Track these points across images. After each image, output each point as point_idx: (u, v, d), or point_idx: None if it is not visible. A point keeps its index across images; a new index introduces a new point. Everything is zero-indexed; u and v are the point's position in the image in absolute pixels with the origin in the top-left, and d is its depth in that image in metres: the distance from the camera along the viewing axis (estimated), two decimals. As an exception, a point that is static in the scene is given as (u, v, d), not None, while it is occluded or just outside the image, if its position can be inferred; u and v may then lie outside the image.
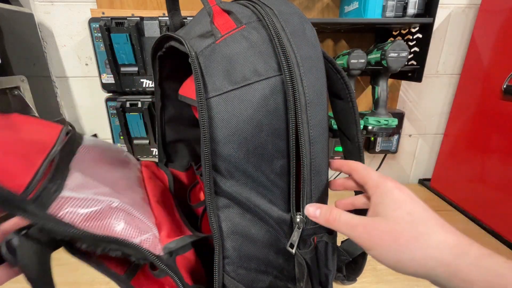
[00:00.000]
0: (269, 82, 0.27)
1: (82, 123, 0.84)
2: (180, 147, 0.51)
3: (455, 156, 0.81)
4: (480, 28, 0.73)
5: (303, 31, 0.29)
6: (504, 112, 0.64)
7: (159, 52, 0.39)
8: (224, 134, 0.27)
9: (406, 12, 0.63)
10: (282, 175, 0.29)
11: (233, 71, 0.27)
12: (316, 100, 0.28)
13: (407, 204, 0.23)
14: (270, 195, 0.29)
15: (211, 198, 0.28)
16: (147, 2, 0.71)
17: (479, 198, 0.72)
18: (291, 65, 0.26)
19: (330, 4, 0.74)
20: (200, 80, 0.26)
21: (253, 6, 0.29)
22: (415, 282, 0.52)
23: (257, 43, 0.27)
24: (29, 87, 0.62)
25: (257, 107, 0.26)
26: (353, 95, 0.32)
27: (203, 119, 0.26)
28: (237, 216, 0.29)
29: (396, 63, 0.61)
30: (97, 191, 0.26)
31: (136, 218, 0.28)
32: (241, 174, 0.28)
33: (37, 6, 0.71)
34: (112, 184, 0.30)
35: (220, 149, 0.27)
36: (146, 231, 0.27)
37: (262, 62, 0.27)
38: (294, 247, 0.29)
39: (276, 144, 0.28)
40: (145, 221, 0.29)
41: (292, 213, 0.30)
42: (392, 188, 0.24)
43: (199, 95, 0.26)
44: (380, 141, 0.86)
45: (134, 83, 0.68)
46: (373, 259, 0.22)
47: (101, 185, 0.27)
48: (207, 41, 0.28)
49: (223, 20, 0.28)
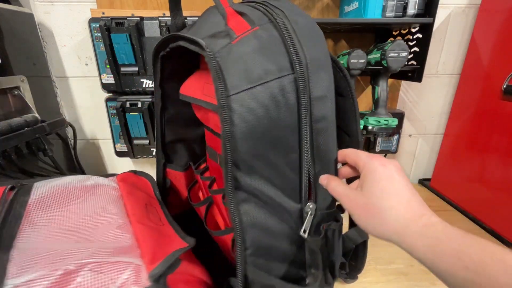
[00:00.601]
0: (283, 80, 0.28)
1: (82, 123, 0.84)
2: (178, 147, 0.51)
3: (455, 156, 0.81)
4: (480, 28, 0.73)
5: (311, 31, 0.30)
6: (504, 112, 0.64)
7: (162, 52, 0.39)
8: (243, 130, 0.28)
9: (406, 12, 0.63)
10: (294, 167, 0.31)
11: (250, 70, 0.28)
12: (326, 96, 0.30)
13: (383, 181, 0.26)
14: (283, 187, 0.31)
15: (232, 193, 0.30)
16: (147, 2, 0.71)
17: (479, 198, 0.72)
18: (303, 64, 0.28)
19: (330, 4, 0.74)
20: (220, 78, 0.27)
21: (263, 8, 0.31)
22: (415, 282, 0.52)
23: (271, 43, 0.29)
24: (29, 87, 0.62)
25: (272, 104, 0.28)
26: (354, 93, 0.34)
27: (225, 116, 0.27)
28: (255, 210, 0.31)
29: (396, 63, 0.61)
30: (50, 259, 0.24)
31: (107, 264, 0.25)
32: (258, 168, 0.30)
33: (37, 6, 0.71)
34: (74, 236, 0.28)
35: (239, 145, 0.28)
36: (123, 270, 0.25)
37: (276, 61, 0.28)
38: (306, 232, 0.31)
39: (289, 138, 0.29)
40: (121, 260, 0.26)
41: (304, 203, 0.32)
42: (377, 166, 0.27)
43: (220, 93, 0.27)
44: (380, 141, 0.86)
45: (134, 83, 0.67)
46: (374, 260, 0.23)
47: (52, 251, 0.25)
48: (223, 41, 0.29)
49: (236, 21, 0.30)
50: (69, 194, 0.36)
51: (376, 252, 0.58)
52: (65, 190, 0.36)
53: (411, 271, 0.54)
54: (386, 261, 0.56)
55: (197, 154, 0.54)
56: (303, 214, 0.32)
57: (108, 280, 0.24)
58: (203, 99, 0.38)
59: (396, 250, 0.26)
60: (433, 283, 0.52)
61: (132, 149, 0.74)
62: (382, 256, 0.57)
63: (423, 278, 0.53)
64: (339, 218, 0.34)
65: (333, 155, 0.32)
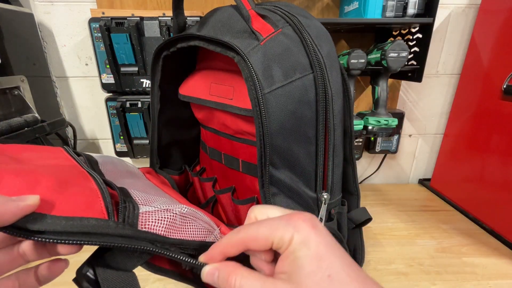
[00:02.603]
0: (305, 79, 0.31)
1: (82, 123, 0.84)
2: (173, 150, 0.51)
3: (455, 156, 0.81)
4: (480, 28, 0.73)
5: (322, 33, 0.33)
6: (504, 112, 0.64)
7: (166, 52, 0.39)
8: (276, 126, 0.30)
9: (406, 12, 0.63)
10: (311, 159, 0.34)
11: (278, 70, 0.30)
12: (337, 92, 0.33)
13: (324, 269, 0.17)
14: (303, 178, 0.34)
15: (267, 188, 0.32)
16: (147, 2, 0.71)
17: (479, 198, 0.72)
18: (321, 64, 0.31)
19: (330, 4, 0.74)
20: (256, 77, 0.29)
21: (280, 11, 0.34)
22: (415, 282, 0.52)
23: (293, 45, 0.31)
24: (29, 87, 0.62)
25: (297, 101, 0.31)
26: (350, 91, 0.37)
27: (264, 113, 0.29)
28: (284, 202, 0.33)
29: (396, 63, 0.61)
30: (160, 201, 0.26)
31: (200, 220, 0.28)
32: (286, 162, 0.32)
33: (37, 6, 0.71)
34: (156, 193, 0.29)
35: (273, 141, 0.30)
36: (213, 228, 0.29)
37: (299, 61, 0.31)
38: (323, 221, 0.34)
39: (309, 132, 0.32)
40: (207, 220, 0.29)
41: (319, 192, 0.34)
42: (299, 250, 0.18)
43: (258, 91, 0.29)
44: (380, 141, 0.86)
45: (134, 83, 0.67)
46: (374, 260, 0.22)
47: (156, 196, 0.27)
48: (251, 42, 0.31)
49: (260, 23, 0.32)
50: (121, 168, 0.36)
51: (376, 253, 0.58)
52: (118, 164, 0.36)
53: (411, 271, 0.54)
54: (386, 261, 0.56)
55: (191, 156, 0.54)
56: (318, 203, 0.35)
57: (205, 233, 0.27)
58: (209, 99, 0.38)
59: (396, 250, 0.26)
60: (433, 283, 0.52)
61: (132, 149, 0.74)
62: (382, 256, 0.57)
63: (423, 278, 0.53)
64: (344, 202, 0.38)
65: (341, 147, 0.35)
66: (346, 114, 0.37)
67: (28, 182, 0.20)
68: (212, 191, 0.45)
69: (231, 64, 0.35)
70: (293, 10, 0.34)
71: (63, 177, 0.22)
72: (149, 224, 0.23)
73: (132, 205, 0.23)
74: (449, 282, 0.52)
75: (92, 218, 0.19)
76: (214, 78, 0.38)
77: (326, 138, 0.33)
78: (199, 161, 0.54)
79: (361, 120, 0.69)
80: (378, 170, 0.92)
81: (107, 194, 0.22)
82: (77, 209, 0.20)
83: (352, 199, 0.42)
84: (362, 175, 0.94)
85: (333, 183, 0.35)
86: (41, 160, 0.24)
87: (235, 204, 0.41)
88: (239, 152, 0.40)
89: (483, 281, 0.52)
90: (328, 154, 0.33)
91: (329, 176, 0.34)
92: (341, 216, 0.38)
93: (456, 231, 0.67)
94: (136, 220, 0.22)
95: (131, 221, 0.22)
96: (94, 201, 0.21)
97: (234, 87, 0.35)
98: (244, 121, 0.36)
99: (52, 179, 0.21)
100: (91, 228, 0.19)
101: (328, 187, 0.34)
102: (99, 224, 0.19)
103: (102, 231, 0.19)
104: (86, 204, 0.21)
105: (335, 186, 0.36)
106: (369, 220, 0.40)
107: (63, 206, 0.19)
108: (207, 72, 0.41)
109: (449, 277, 0.53)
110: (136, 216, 0.22)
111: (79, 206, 0.20)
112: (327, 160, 0.34)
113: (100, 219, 0.20)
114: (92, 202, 0.21)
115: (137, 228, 0.22)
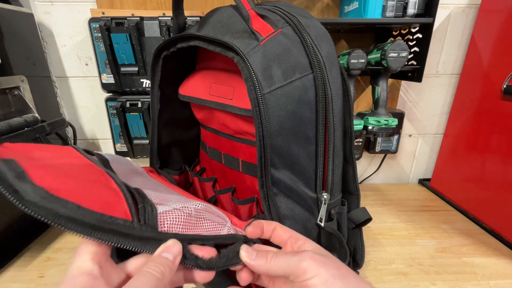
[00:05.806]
0: (305, 79, 0.31)
1: (82, 123, 0.84)
2: (173, 150, 0.51)
3: (455, 156, 0.81)
4: (480, 28, 0.73)
5: (321, 33, 0.33)
6: (504, 112, 0.64)
7: (166, 52, 0.39)
8: (275, 127, 0.30)
9: (406, 12, 0.63)
10: (311, 160, 0.33)
11: (278, 70, 0.30)
12: (337, 92, 0.33)
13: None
14: (303, 178, 0.34)
15: (267, 188, 0.32)
16: (147, 2, 0.71)
17: (479, 198, 0.72)
18: (321, 64, 0.31)
19: (330, 4, 0.74)
20: (255, 78, 0.29)
21: (279, 11, 0.33)
22: (415, 282, 0.52)
23: (293, 45, 0.31)
24: (29, 87, 0.62)
25: (297, 102, 0.30)
26: (350, 91, 0.37)
27: (264, 113, 0.29)
28: (284, 202, 0.33)
29: (396, 63, 0.61)
30: (174, 199, 0.26)
31: (213, 214, 0.29)
32: (286, 162, 0.32)
33: (37, 6, 0.71)
34: (167, 191, 0.30)
35: (272, 141, 0.30)
36: (225, 221, 0.29)
37: (299, 62, 0.31)
38: (323, 221, 0.34)
39: (308, 132, 0.32)
40: (220, 214, 0.30)
41: (319, 192, 0.34)
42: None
43: (257, 92, 0.29)
44: (380, 141, 0.86)
45: (134, 83, 0.67)
46: (374, 260, 0.23)
47: (168, 194, 0.27)
48: (250, 43, 0.30)
49: (260, 23, 0.32)
50: (127, 167, 0.36)
51: (376, 253, 0.58)
52: (124, 163, 0.36)
53: (411, 271, 0.54)
54: (386, 261, 0.56)
55: (190, 156, 0.54)
56: (318, 203, 0.35)
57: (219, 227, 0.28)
58: (210, 99, 0.38)
59: (396, 250, 0.26)
60: (433, 283, 0.52)
61: (132, 149, 0.74)
62: (382, 256, 0.57)
63: (423, 278, 0.53)
64: (344, 202, 0.38)
65: (341, 147, 0.35)
66: (346, 114, 0.37)
67: (57, 176, 0.20)
68: (212, 191, 0.45)
69: (231, 64, 0.35)
70: (292, 10, 0.34)
71: (84, 175, 0.22)
72: (168, 223, 0.23)
73: (150, 206, 0.23)
74: (449, 282, 0.52)
75: (120, 218, 0.20)
76: (214, 78, 0.38)
77: (326, 138, 0.33)
78: (199, 161, 0.54)
79: (361, 120, 0.69)
80: (378, 170, 0.92)
81: (128, 194, 0.22)
82: (107, 207, 0.20)
83: (352, 199, 0.42)
84: (362, 175, 0.94)
85: (333, 183, 0.35)
86: (54, 159, 0.24)
87: (235, 204, 0.41)
88: (239, 152, 0.40)
89: (483, 281, 0.52)
90: (328, 154, 0.33)
91: (329, 176, 0.34)
92: (341, 216, 0.38)
93: (456, 231, 0.67)
94: (155, 221, 0.22)
95: (152, 223, 0.22)
96: (118, 201, 0.22)
97: (234, 87, 0.35)
98: (244, 121, 0.36)
99: (76, 176, 0.21)
100: (119, 227, 0.19)
101: (328, 187, 0.34)
102: (125, 224, 0.20)
103: (127, 232, 0.19)
104: (112, 204, 0.21)
105: (335, 186, 0.36)
106: (369, 220, 0.40)
107: (96, 202, 0.19)
108: (207, 72, 0.40)
109: (449, 277, 0.53)
110: (155, 216, 0.23)
111: (108, 204, 0.20)
112: (327, 160, 0.34)
113: (126, 220, 0.20)
114: (117, 202, 0.21)
115: (157, 229, 0.22)
